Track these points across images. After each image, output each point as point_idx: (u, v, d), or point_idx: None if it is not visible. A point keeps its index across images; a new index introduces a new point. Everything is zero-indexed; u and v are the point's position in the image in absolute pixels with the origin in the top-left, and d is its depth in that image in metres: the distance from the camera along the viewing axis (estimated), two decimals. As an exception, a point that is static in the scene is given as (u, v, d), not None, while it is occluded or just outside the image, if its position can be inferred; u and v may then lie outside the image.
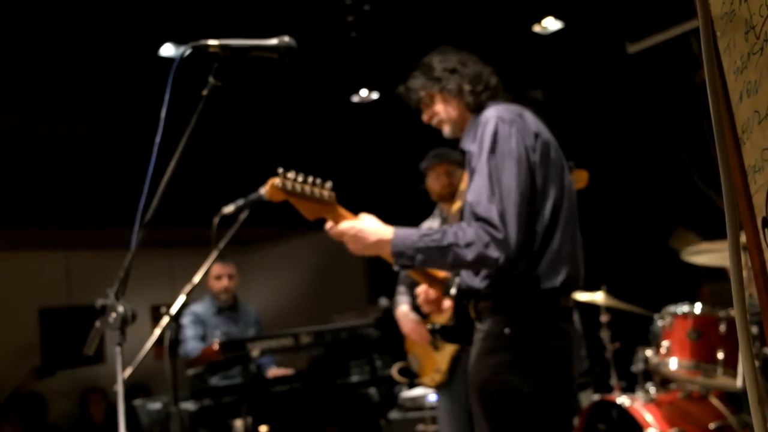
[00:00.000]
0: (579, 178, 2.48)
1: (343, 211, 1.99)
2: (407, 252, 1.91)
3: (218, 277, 4.44)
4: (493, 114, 2.00)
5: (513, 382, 1.89)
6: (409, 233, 1.94)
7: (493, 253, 1.83)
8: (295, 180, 1.91)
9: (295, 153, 6.02)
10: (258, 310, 4.83)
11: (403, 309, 3.26)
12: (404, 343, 3.45)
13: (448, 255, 1.87)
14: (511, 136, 1.95)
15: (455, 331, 2.09)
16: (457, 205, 2.14)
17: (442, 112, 2.17)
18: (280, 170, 1.91)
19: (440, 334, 2.10)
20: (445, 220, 3.33)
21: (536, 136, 2.01)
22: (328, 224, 2.01)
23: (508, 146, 1.94)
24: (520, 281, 1.93)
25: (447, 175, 3.34)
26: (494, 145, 1.94)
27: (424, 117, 2.22)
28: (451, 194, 3.28)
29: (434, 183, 3.39)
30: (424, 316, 3.08)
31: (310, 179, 1.93)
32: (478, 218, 1.87)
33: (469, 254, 1.84)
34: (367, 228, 1.96)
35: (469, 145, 2.06)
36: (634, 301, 3.95)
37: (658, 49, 4.92)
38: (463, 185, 2.11)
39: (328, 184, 1.97)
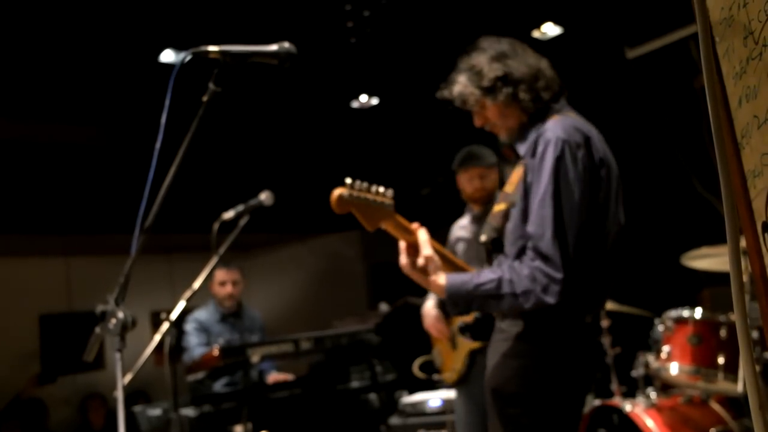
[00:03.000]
0: None
1: (401, 219, 1.95)
2: (461, 302, 1.88)
3: (222, 284, 4.39)
4: (559, 132, 1.87)
5: (533, 386, 1.88)
6: (463, 281, 1.87)
7: (550, 298, 1.77)
8: (360, 189, 1.87)
9: (294, 158, 6.04)
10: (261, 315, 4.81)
11: (428, 304, 3.26)
12: (431, 337, 3.45)
13: (504, 304, 1.83)
14: (576, 162, 1.84)
15: (480, 328, 2.08)
16: (500, 207, 2.03)
17: (497, 119, 2.04)
18: (348, 180, 1.84)
19: (469, 332, 2.08)
20: (477, 219, 3.31)
21: (601, 162, 1.91)
22: (404, 259, 1.95)
23: (574, 174, 1.83)
24: None
25: (480, 178, 3.31)
26: (557, 171, 1.83)
27: (477, 122, 2.10)
28: (483, 197, 3.28)
29: (466, 185, 3.36)
30: (448, 315, 3.07)
31: (374, 187, 1.90)
32: (540, 254, 1.79)
33: (527, 303, 1.79)
34: (433, 271, 1.91)
35: (525, 151, 1.97)
36: (635, 306, 3.95)
37: (658, 54, 4.93)
38: (509, 187, 2.03)
39: (390, 192, 1.92)
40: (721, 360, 3.05)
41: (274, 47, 1.73)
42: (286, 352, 3.72)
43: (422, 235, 1.95)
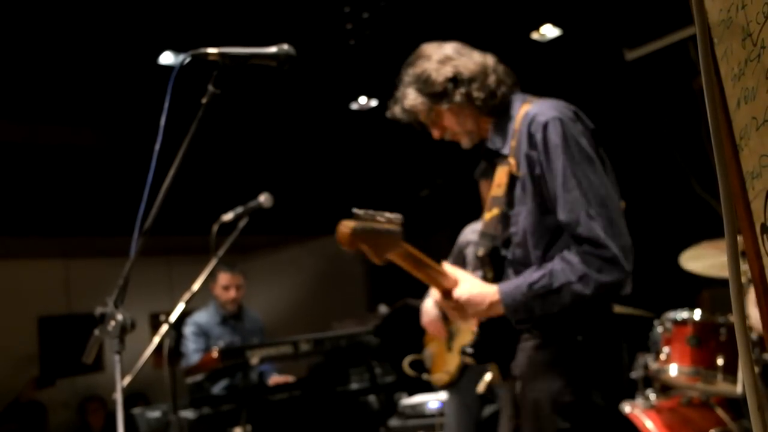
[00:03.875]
0: None
1: (410, 248, 1.76)
2: (521, 308, 1.74)
3: (226, 288, 4.40)
4: (551, 112, 1.78)
5: (588, 393, 1.75)
6: (515, 285, 1.76)
7: (610, 277, 1.67)
8: (368, 218, 1.66)
9: (293, 160, 6.03)
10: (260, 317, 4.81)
11: (428, 303, 3.25)
12: (424, 336, 3.43)
13: (565, 296, 1.70)
14: (580, 136, 1.76)
15: (483, 349, 1.90)
16: (492, 213, 1.92)
17: (455, 126, 1.95)
18: (356, 210, 1.63)
19: (474, 357, 1.89)
20: None
21: (595, 133, 1.83)
22: (437, 295, 1.85)
23: (584, 148, 1.75)
24: None
25: None
26: (568, 149, 1.73)
27: (435, 134, 2.00)
28: None
29: (487, 194, 3.32)
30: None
31: (381, 216, 1.69)
32: (581, 239, 1.69)
33: (587, 288, 1.67)
34: (475, 293, 1.79)
35: (505, 147, 1.87)
36: (634, 307, 3.95)
37: (657, 55, 4.94)
38: (497, 190, 1.92)
39: (398, 218, 1.72)
40: (720, 361, 3.05)
41: (273, 49, 1.72)
42: (285, 354, 3.72)
43: (448, 268, 1.84)
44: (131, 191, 2.07)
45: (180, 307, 2.50)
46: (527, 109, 1.84)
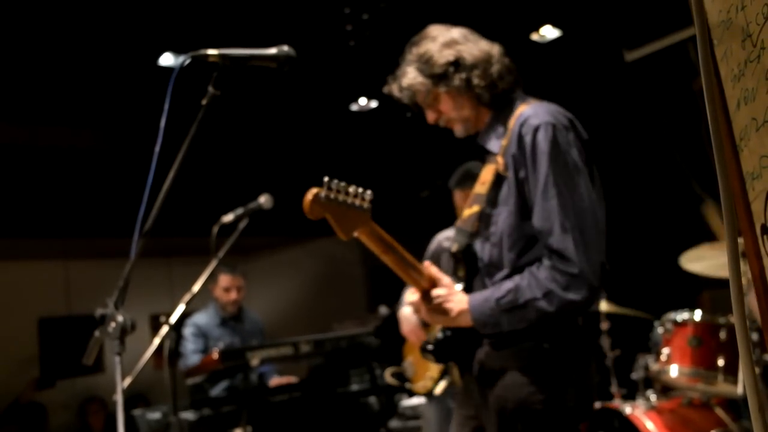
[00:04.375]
0: None
1: (377, 227, 1.72)
2: (489, 321, 1.74)
3: (227, 290, 4.39)
4: (544, 117, 1.74)
5: (557, 399, 1.75)
6: (484, 299, 1.75)
7: (575, 295, 1.65)
8: (338, 189, 1.63)
9: (294, 161, 6.03)
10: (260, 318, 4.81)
11: (405, 310, 3.24)
12: (403, 347, 3.43)
13: (530, 312, 1.69)
14: (571, 145, 1.72)
15: (445, 349, 1.87)
16: (472, 210, 1.89)
17: (451, 111, 1.90)
18: (326, 179, 1.62)
19: (433, 355, 1.87)
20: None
21: (588, 144, 1.79)
22: (413, 299, 1.83)
23: (572, 158, 1.71)
24: None
25: None
26: (555, 157, 1.69)
27: (430, 117, 1.95)
28: None
29: (462, 203, 3.32)
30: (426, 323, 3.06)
31: (352, 188, 1.66)
32: (551, 251, 1.67)
33: (551, 306, 1.66)
34: (450, 299, 1.78)
35: (495, 145, 1.84)
36: (635, 308, 3.95)
37: (657, 56, 4.94)
38: (480, 188, 1.89)
39: (368, 194, 1.69)
40: (720, 362, 3.05)
41: (273, 50, 1.72)
42: (285, 355, 3.72)
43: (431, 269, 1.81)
44: (131, 193, 2.07)
45: (180, 308, 2.50)
46: (523, 110, 1.81)
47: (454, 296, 1.79)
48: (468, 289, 1.86)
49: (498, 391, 1.79)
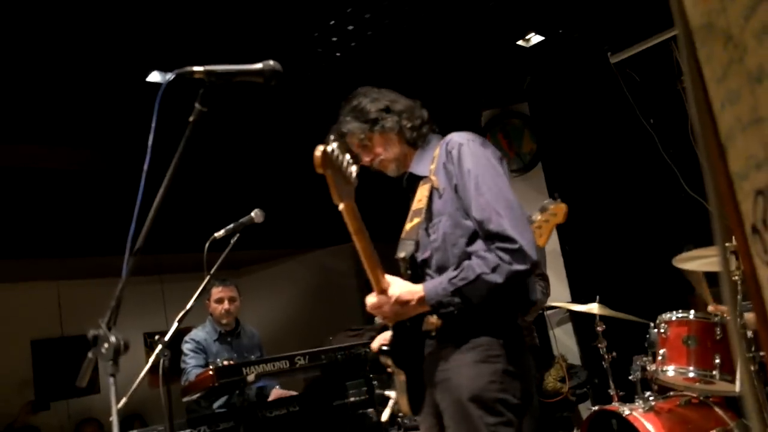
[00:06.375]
0: (558, 212, 2.49)
1: (357, 211, 1.87)
2: (444, 300, 1.95)
3: (219, 301, 4.34)
4: (464, 137, 2.10)
5: (508, 392, 1.94)
6: (438, 282, 1.98)
7: (519, 266, 1.89)
8: (339, 152, 1.75)
9: (284, 174, 6.03)
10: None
11: (387, 333, 3.24)
12: (391, 376, 3.42)
13: (481, 286, 1.91)
14: (488, 155, 2.08)
15: (400, 350, 2.06)
16: (413, 223, 2.13)
17: (384, 152, 2.23)
18: (331, 136, 1.90)
19: (390, 356, 2.08)
20: None
21: (501, 159, 2.13)
22: (372, 297, 2.03)
23: (492, 162, 2.06)
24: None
25: None
26: (479, 161, 2.03)
27: (365, 160, 2.25)
28: None
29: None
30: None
31: (346, 157, 1.78)
32: (492, 234, 1.93)
33: (500, 277, 1.89)
34: (405, 291, 1.99)
35: (425, 170, 2.16)
36: (629, 311, 3.96)
37: (642, 57, 4.99)
38: (417, 204, 2.16)
39: (354, 170, 1.82)
40: (717, 360, 3.05)
41: (258, 65, 1.72)
42: (281, 369, 3.69)
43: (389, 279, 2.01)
44: (121, 212, 2.07)
45: (174, 325, 2.49)
46: (444, 139, 2.16)
47: (411, 287, 2.00)
48: None
49: (451, 390, 1.99)
